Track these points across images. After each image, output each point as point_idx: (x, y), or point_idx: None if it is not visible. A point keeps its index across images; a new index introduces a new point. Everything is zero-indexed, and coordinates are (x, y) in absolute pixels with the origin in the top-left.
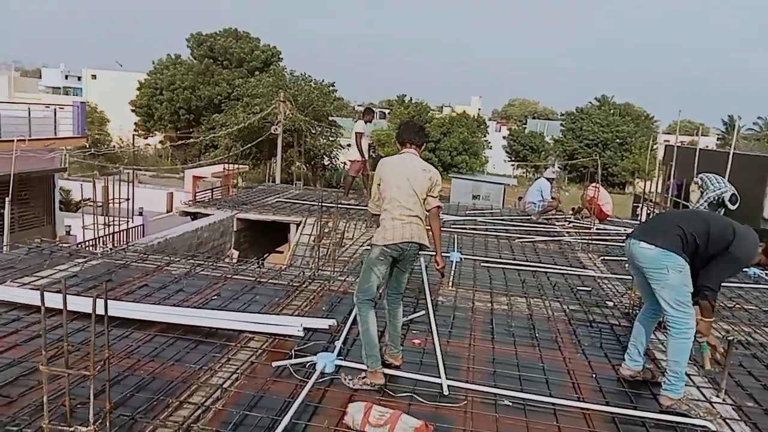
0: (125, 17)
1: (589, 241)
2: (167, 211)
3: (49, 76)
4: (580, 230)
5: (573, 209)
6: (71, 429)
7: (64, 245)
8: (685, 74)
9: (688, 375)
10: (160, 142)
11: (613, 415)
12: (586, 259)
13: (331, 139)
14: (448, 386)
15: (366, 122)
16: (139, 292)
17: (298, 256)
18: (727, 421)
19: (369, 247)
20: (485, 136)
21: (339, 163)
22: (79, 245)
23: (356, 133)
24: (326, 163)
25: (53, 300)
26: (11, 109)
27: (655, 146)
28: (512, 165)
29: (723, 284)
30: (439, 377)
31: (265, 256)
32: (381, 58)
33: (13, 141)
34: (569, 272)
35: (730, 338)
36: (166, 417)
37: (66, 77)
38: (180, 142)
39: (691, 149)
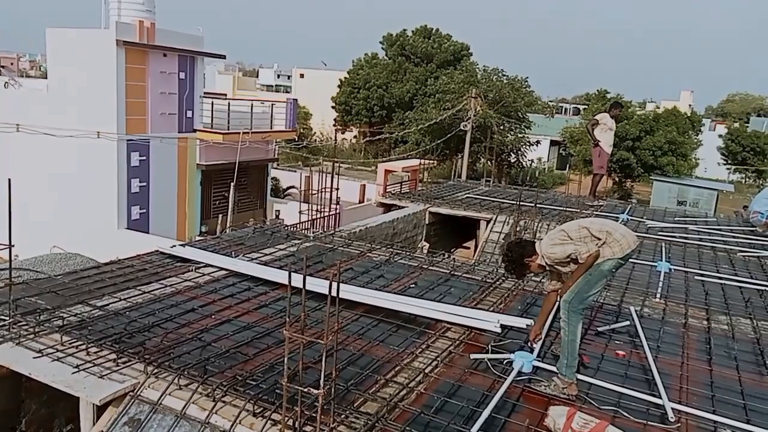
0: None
1: None
2: (359, 202)
3: (264, 76)
4: None
5: None
6: (304, 389)
7: (282, 227)
8: None
9: None
10: (355, 136)
11: None
12: None
13: (519, 135)
14: (656, 405)
15: (612, 117)
16: (345, 275)
17: (487, 253)
18: None
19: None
20: (698, 135)
21: (526, 160)
22: (294, 227)
23: (592, 125)
24: (513, 160)
25: (280, 276)
26: (238, 105)
27: None
28: (728, 169)
29: None
30: (649, 394)
31: (453, 250)
32: (578, 50)
33: (239, 133)
34: None
35: None
36: (375, 392)
37: (278, 76)
38: (374, 138)
39: None
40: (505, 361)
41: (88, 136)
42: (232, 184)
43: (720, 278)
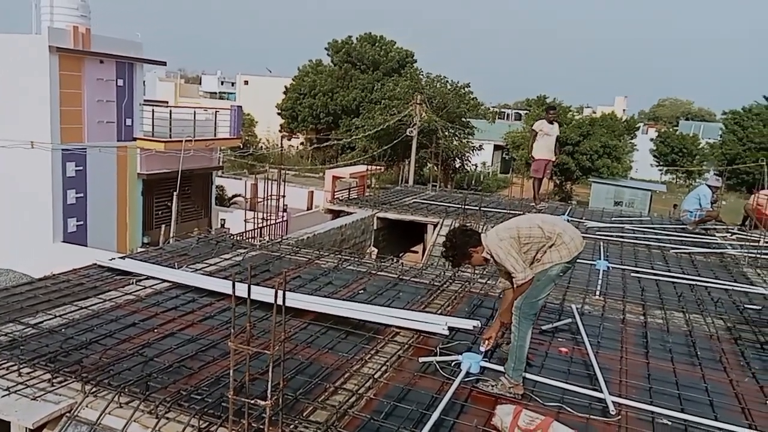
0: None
1: (758, 255)
2: (307, 209)
3: (207, 83)
4: (747, 243)
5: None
6: (251, 401)
7: (227, 236)
8: None
9: None
10: (301, 143)
11: None
12: (754, 274)
13: (464, 140)
14: (598, 399)
15: (549, 121)
16: (293, 283)
17: (434, 257)
18: None
19: None
20: (632, 139)
21: (471, 165)
22: (239, 236)
23: (533, 136)
24: (458, 165)
25: (225, 286)
26: (180, 112)
27: None
28: (659, 170)
29: None
30: (591, 388)
31: (401, 254)
32: (516, 58)
33: (181, 141)
34: (734, 288)
35: None
36: (324, 400)
37: (222, 83)
38: (321, 144)
39: None
40: (454, 363)
41: (21, 146)
42: (175, 193)
43: (655, 274)
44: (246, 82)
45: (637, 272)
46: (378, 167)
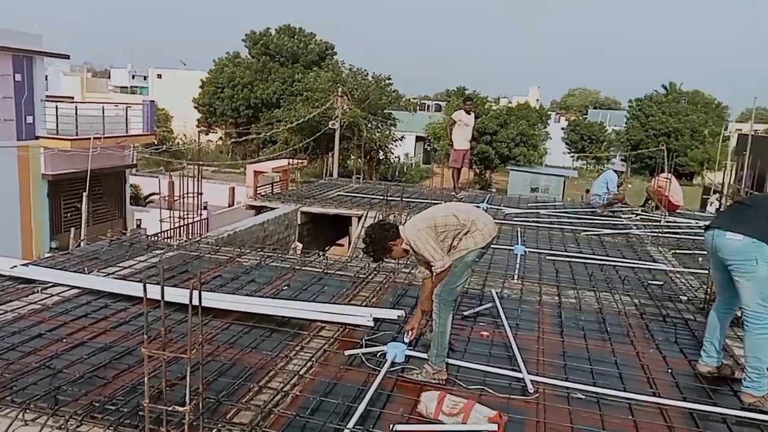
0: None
1: (659, 234)
2: (229, 205)
3: (117, 77)
4: (649, 223)
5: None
6: (168, 408)
7: (142, 238)
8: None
9: None
10: (220, 138)
11: (692, 411)
12: (657, 252)
13: (386, 133)
14: (517, 379)
15: (467, 112)
16: (214, 283)
17: (360, 249)
18: None
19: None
20: (546, 128)
21: (394, 156)
22: (156, 237)
23: (450, 125)
24: (381, 157)
25: (139, 289)
26: (87, 108)
27: (727, 135)
28: (571, 157)
29: None
30: (511, 369)
31: (327, 248)
32: (436, 50)
33: (89, 139)
34: (639, 266)
35: None
36: (248, 400)
37: (133, 77)
38: (241, 139)
39: (767, 138)
40: (379, 354)
41: None
42: (84, 194)
43: (568, 256)
44: (159, 76)
45: (552, 255)
46: (301, 161)
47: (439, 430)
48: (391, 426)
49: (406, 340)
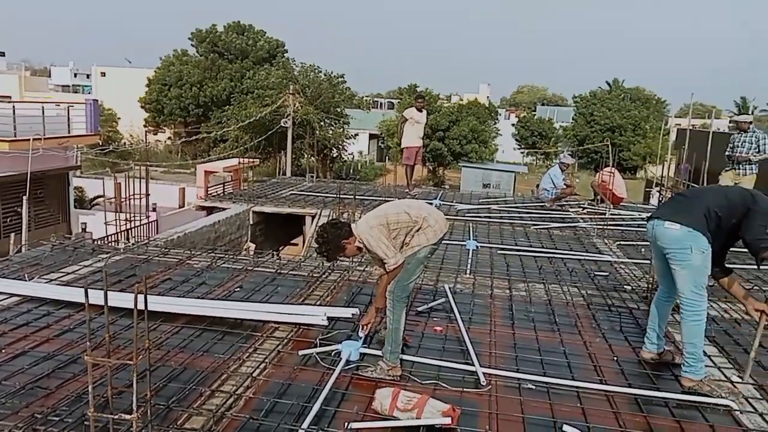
0: (134, 13)
1: (605, 227)
2: (180, 206)
3: (58, 75)
4: (595, 216)
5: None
6: (115, 417)
7: (87, 241)
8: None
9: (708, 356)
10: (169, 138)
11: (636, 397)
12: (602, 244)
13: (339, 130)
14: (470, 372)
15: (418, 109)
16: (163, 286)
17: (314, 248)
18: (750, 400)
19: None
20: (496, 124)
21: (347, 154)
22: (101, 241)
23: (402, 123)
24: (335, 155)
25: (82, 295)
26: (25, 108)
27: (667, 130)
28: (521, 152)
29: (742, 267)
30: (464, 363)
31: (281, 248)
32: (387, 49)
33: (29, 140)
34: (586, 258)
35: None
36: (200, 405)
37: (75, 75)
38: (191, 138)
39: (703, 132)
40: (334, 353)
41: None
42: (25, 197)
43: (518, 250)
44: (103, 74)
45: (503, 249)
46: (253, 160)
47: (394, 426)
48: (346, 424)
49: (361, 335)
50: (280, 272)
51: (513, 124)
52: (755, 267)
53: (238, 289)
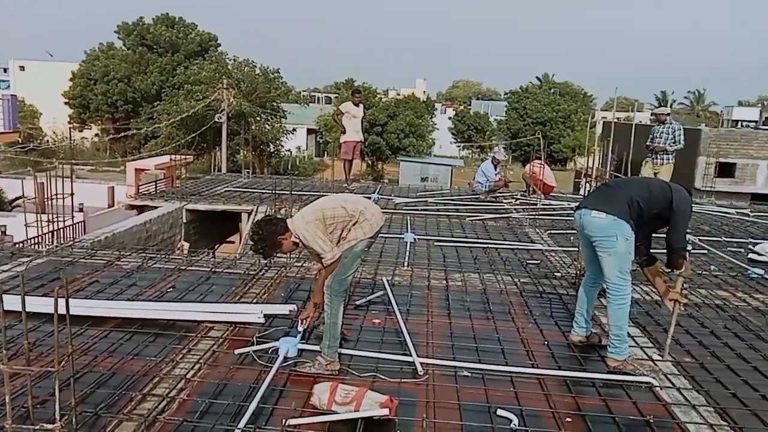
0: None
1: (536, 217)
2: (109, 206)
3: None
4: (527, 206)
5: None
6: (36, 427)
7: (6, 245)
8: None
9: (632, 336)
10: (96, 135)
11: (565, 378)
12: (534, 233)
13: (276, 125)
14: (408, 362)
15: (355, 104)
16: (90, 289)
17: (250, 245)
18: (668, 376)
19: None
20: (433, 119)
21: (285, 149)
22: (23, 244)
23: (338, 115)
24: (272, 150)
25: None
26: None
27: (593, 122)
28: (458, 146)
29: (661, 251)
30: (402, 354)
31: (216, 246)
32: (323, 44)
33: None
34: (519, 247)
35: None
36: (130, 410)
37: None
38: (119, 135)
39: (627, 125)
40: (271, 350)
41: None
42: None
43: (454, 242)
44: (22, 68)
45: (440, 241)
46: (186, 157)
47: (331, 420)
48: (284, 421)
49: (300, 329)
50: (215, 271)
51: (450, 118)
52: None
53: (171, 289)
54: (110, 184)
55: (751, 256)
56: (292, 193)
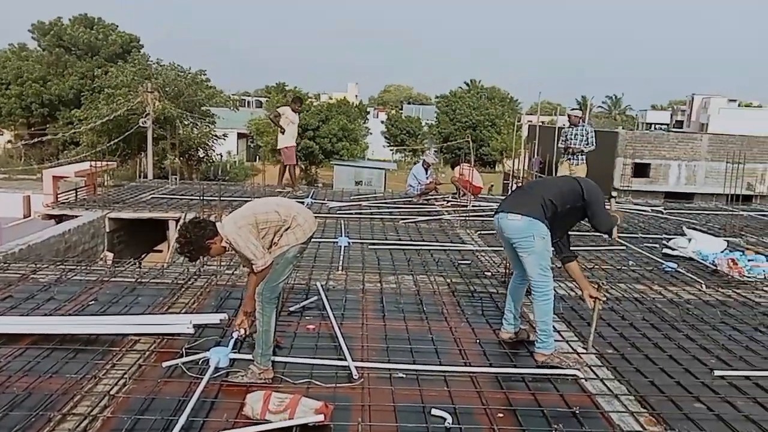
0: None
1: (467, 218)
2: (24, 216)
3: None
4: (458, 208)
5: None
6: None
7: None
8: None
9: (558, 331)
10: (9, 141)
11: (497, 375)
12: (465, 234)
13: (205, 130)
14: (343, 367)
15: (294, 111)
16: (2, 305)
17: (176, 248)
18: (593, 368)
19: None
20: (365, 123)
21: (215, 154)
22: None
23: (275, 116)
24: (201, 156)
25: None
26: None
27: (519, 126)
28: (391, 150)
29: (584, 248)
30: (337, 359)
31: (143, 256)
32: (256, 47)
33: None
34: (450, 248)
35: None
36: None
37: None
38: (34, 140)
39: (550, 128)
40: (202, 361)
41: None
42: None
43: (388, 244)
44: None
45: (374, 244)
46: (109, 163)
47: (265, 430)
48: None
49: (235, 335)
50: (141, 281)
51: (382, 122)
52: (596, 249)
53: (93, 302)
54: (26, 192)
55: (665, 251)
56: (222, 199)
